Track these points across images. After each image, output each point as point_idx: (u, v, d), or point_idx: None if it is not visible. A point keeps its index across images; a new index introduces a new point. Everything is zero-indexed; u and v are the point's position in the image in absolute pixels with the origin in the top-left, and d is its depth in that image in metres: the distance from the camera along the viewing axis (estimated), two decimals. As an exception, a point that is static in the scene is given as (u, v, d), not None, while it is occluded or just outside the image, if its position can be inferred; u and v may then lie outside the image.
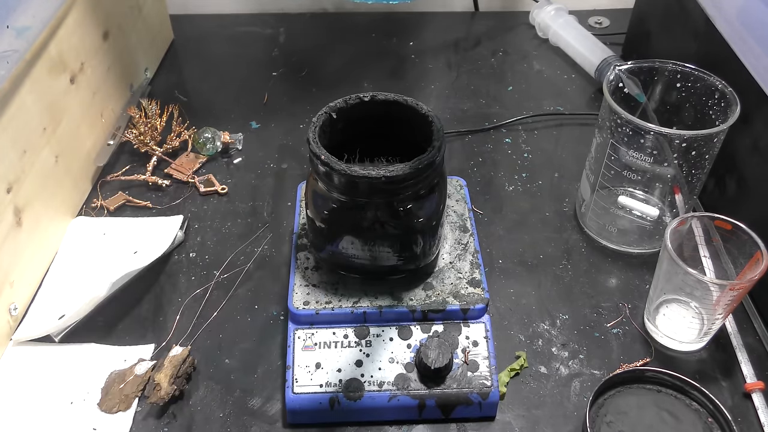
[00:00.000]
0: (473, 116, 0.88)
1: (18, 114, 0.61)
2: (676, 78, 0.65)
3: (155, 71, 0.95)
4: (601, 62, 0.90)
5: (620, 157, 0.63)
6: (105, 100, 0.79)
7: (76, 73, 0.72)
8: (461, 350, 0.55)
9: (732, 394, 0.57)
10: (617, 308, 0.64)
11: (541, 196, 0.76)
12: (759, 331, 0.62)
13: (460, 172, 0.78)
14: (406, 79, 0.95)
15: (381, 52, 1.01)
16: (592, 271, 0.68)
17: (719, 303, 0.55)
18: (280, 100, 0.91)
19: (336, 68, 0.97)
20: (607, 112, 0.62)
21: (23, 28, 0.62)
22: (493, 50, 1.00)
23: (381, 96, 0.57)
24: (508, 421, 0.55)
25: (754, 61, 0.64)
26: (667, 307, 0.61)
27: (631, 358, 0.60)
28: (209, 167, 0.80)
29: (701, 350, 0.60)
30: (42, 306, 0.63)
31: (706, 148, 0.60)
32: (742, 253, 0.57)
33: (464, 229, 0.64)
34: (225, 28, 1.05)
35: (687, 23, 0.78)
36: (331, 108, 0.56)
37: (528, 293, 0.65)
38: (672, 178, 0.64)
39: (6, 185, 0.60)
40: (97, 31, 0.77)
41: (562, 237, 0.71)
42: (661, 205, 0.68)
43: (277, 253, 0.69)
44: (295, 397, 0.53)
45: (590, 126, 0.86)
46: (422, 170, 0.51)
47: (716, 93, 0.62)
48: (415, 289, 0.58)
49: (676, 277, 0.55)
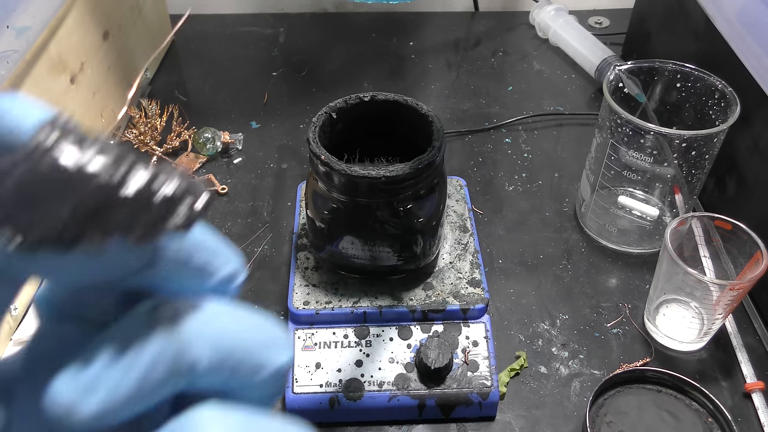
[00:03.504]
0: (473, 116, 0.88)
1: (18, 114, 0.61)
2: (676, 78, 0.65)
3: (155, 71, 0.95)
4: (601, 62, 0.90)
5: (620, 157, 0.63)
6: (105, 100, 0.79)
7: (76, 73, 0.72)
8: (461, 350, 0.55)
9: (732, 394, 0.57)
10: (617, 308, 0.64)
11: (541, 196, 0.76)
12: (759, 331, 0.62)
13: (460, 172, 0.78)
14: (406, 79, 0.95)
15: (381, 52, 1.01)
16: (592, 271, 0.68)
17: (719, 303, 0.55)
18: (280, 100, 0.91)
19: (336, 68, 0.97)
20: (607, 112, 0.62)
21: (23, 28, 0.62)
22: (493, 50, 1.00)
23: (381, 96, 0.57)
24: (508, 421, 0.55)
25: (754, 61, 0.64)
26: (667, 307, 0.61)
27: (631, 358, 0.60)
28: (209, 167, 0.80)
29: (701, 350, 0.60)
30: (42, 306, 0.63)
31: (706, 148, 0.60)
32: (742, 253, 0.57)
33: (464, 229, 0.64)
34: (225, 28, 1.05)
35: (687, 23, 0.78)
36: (331, 108, 0.56)
37: (528, 293, 0.65)
38: (672, 178, 0.64)
39: (6, 185, 0.60)
40: (97, 31, 0.77)
41: (562, 237, 0.71)
42: (661, 205, 0.68)
43: (277, 253, 0.69)
44: (295, 397, 0.53)
45: (590, 126, 0.86)
46: (422, 170, 0.51)
47: (716, 93, 0.62)
48: (415, 289, 0.58)
49: (676, 277, 0.55)
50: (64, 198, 0.17)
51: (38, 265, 0.18)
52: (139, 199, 0.18)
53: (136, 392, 0.18)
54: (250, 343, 0.20)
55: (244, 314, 0.21)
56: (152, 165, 0.19)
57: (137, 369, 0.18)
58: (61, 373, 0.18)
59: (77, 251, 0.18)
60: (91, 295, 0.20)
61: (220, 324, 0.20)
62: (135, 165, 0.18)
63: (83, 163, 0.18)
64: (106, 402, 0.17)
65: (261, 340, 0.20)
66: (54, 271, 0.19)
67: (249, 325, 0.20)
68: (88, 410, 0.17)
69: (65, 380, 0.17)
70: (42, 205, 0.17)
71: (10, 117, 0.17)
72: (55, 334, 0.20)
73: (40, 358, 0.20)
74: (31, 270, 0.19)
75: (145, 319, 0.19)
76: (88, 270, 0.19)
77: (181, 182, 0.19)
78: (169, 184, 0.18)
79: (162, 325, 0.18)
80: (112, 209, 0.18)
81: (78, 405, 0.17)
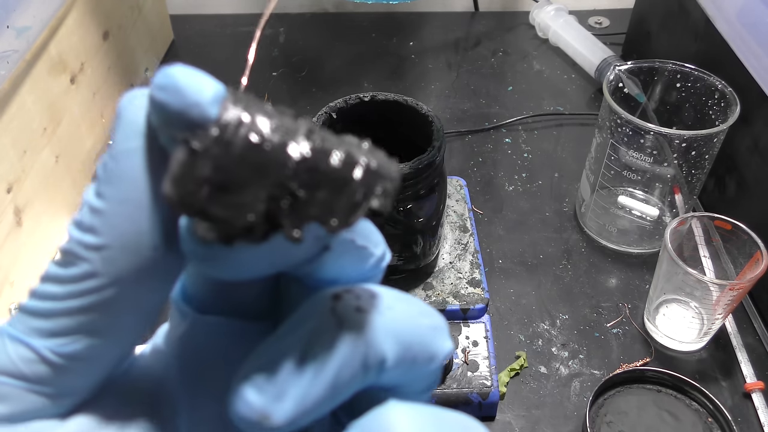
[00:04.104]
0: (473, 116, 0.88)
1: (18, 114, 0.61)
2: (675, 78, 0.65)
3: (155, 71, 0.95)
4: (601, 62, 0.90)
5: (620, 157, 0.63)
6: (105, 100, 0.79)
7: (77, 73, 0.72)
8: (461, 350, 0.55)
9: (732, 394, 0.57)
10: (617, 308, 0.64)
11: (541, 196, 0.76)
12: (759, 330, 0.62)
13: (460, 172, 0.78)
14: (406, 79, 0.95)
15: (381, 52, 1.01)
16: (592, 271, 0.68)
17: (719, 303, 0.55)
18: (281, 100, 0.91)
19: (336, 68, 0.97)
20: (607, 112, 0.62)
21: (23, 28, 0.62)
22: (493, 50, 1.00)
23: (381, 96, 0.57)
24: (508, 421, 0.55)
25: (754, 61, 0.64)
26: (667, 307, 0.61)
27: (631, 358, 0.60)
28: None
29: (701, 350, 0.60)
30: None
31: (706, 148, 0.60)
32: (742, 253, 0.57)
33: (464, 229, 0.64)
34: (225, 28, 1.05)
35: (687, 23, 0.78)
36: (331, 108, 0.56)
37: (528, 293, 0.65)
38: (672, 178, 0.64)
39: (6, 185, 0.60)
40: (98, 31, 0.77)
41: (562, 237, 0.71)
42: (661, 205, 0.68)
43: (277, 253, 0.69)
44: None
45: (590, 126, 0.86)
46: (422, 170, 0.51)
47: (716, 93, 0.62)
48: (415, 289, 0.58)
49: (676, 277, 0.55)
50: (261, 181, 0.15)
51: (222, 257, 0.16)
52: (337, 181, 0.16)
53: (325, 397, 0.17)
54: (424, 332, 0.19)
55: (410, 299, 0.19)
56: (334, 135, 0.16)
57: (327, 373, 0.17)
58: (248, 379, 0.17)
59: (272, 241, 0.16)
60: (243, 285, 0.19)
61: (398, 314, 0.18)
62: (325, 139, 0.16)
63: (277, 142, 0.15)
64: (298, 408, 0.17)
65: (431, 327, 0.19)
66: (233, 264, 0.17)
67: (418, 311, 0.19)
68: (282, 416, 0.16)
69: (254, 386, 0.17)
70: (241, 191, 0.15)
71: (191, 90, 0.16)
72: (202, 329, 0.19)
73: (192, 356, 0.19)
74: (213, 262, 0.17)
75: (328, 314, 0.17)
76: (267, 261, 0.17)
77: (375, 158, 0.16)
78: (364, 161, 0.16)
79: (348, 322, 0.17)
80: (311, 193, 0.16)
81: (271, 412, 0.16)
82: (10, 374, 0.17)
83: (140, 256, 0.17)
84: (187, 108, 0.15)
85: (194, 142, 0.15)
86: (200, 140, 0.15)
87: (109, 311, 0.17)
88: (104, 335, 0.17)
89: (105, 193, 0.16)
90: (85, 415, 0.18)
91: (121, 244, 0.16)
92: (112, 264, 0.16)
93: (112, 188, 0.16)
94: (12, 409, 0.17)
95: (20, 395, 0.17)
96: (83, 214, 0.17)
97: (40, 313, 0.17)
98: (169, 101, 0.15)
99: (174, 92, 0.15)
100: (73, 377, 0.18)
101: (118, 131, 0.17)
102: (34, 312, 0.17)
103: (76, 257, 0.17)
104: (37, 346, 0.17)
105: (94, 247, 0.16)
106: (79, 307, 0.17)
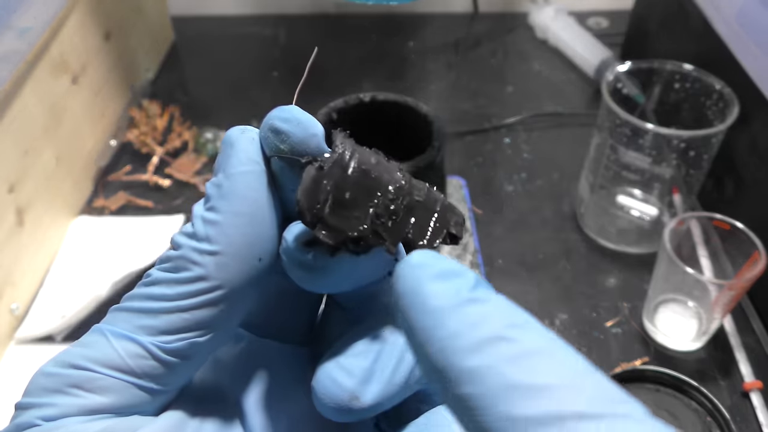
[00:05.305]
0: (473, 116, 0.88)
1: (20, 114, 0.62)
2: (674, 79, 0.66)
3: (157, 72, 0.95)
4: (600, 63, 0.90)
5: (619, 158, 0.63)
6: (107, 101, 0.79)
7: (78, 74, 0.73)
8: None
9: (730, 393, 0.57)
10: (616, 308, 0.64)
11: (541, 196, 0.76)
12: (757, 330, 0.62)
13: (460, 172, 0.78)
14: (406, 80, 0.95)
15: (381, 52, 1.01)
16: (591, 270, 0.68)
17: (718, 302, 0.55)
18: (281, 101, 0.91)
19: (336, 69, 0.97)
20: (606, 112, 0.62)
21: (25, 29, 0.62)
22: (493, 51, 1.01)
23: (381, 96, 0.57)
24: (507, 420, 0.55)
25: (753, 61, 0.64)
26: (665, 307, 0.61)
27: (630, 357, 0.60)
28: (210, 167, 0.80)
29: (700, 350, 0.60)
30: (44, 306, 0.63)
31: (705, 148, 0.60)
32: (741, 252, 0.57)
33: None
34: (226, 29, 1.05)
35: (686, 24, 0.78)
36: (331, 108, 0.57)
37: (527, 293, 0.66)
38: (671, 178, 0.65)
39: (8, 185, 0.60)
40: (99, 31, 0.78)
41: (562, 237, 0.71)
42: (660, 205, 0.68)
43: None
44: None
45: (589, 126, 0.86)
46: (422, 170, 0.51)
47: (714, 94, 0.63)
48: (415, 289, 0.58)
49: (674, 276, 0.55)
50: (369, 201, 0.19)
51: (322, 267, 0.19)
52: (427, 210, 0.19)
53: (406, 384, 0.19)
54: None
55: None
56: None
57: (408, 362, 0.19)
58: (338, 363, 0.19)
59: (365, 256, 0.19)
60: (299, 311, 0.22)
61: None
62: (412, 176, 0.20)
63: (381, 171, 0.19)
64: (384, 391, 0.19)
65: None
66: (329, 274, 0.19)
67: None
68: (370, 397, 0.18)
69: (343, 369, 0.19)
70: (354, 207, 0.19)
71: (309, 125, 0.19)
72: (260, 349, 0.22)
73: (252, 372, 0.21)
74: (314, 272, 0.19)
75: None
76: (355, 275, 0.20)
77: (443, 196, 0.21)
78: (442, 197, 0.20)
79: None
80: (407, 216, 0.19)
81: (360, 392, 0.18)
82: (119, 368, 0.19)
83: (247, 264, 0.19)
84: (308, 138, 0.19)
85: (320, 164, 0.19)
86: (325, 163, 0.19)
87: (214, 312, 0.19)
88: (206, 333, 0.19)
89: (220, 208, 0.19)
90: (172, 412, 0.20)
91: (233, 252, 0.19)
92: (223, 269, 0.19)
93: (228, 203, 0.19)
94: (116, 401, 0.19)
95: (125, 389, 0.19)
96: (197, 226, 0.19)
97: (149, 311, 0.19)
98: (293, 131, 0.19)
99: (297, 125, 0.20)
100: (174, 374, 0.19)
101: (233, 156, 0.20)
102: (142, 311, 0.19)
103: (189, 262, 0.19)
104: (145, 343, 0.19)
105: (209, 252, 0.19)
106: (188, 306, 0.19)
